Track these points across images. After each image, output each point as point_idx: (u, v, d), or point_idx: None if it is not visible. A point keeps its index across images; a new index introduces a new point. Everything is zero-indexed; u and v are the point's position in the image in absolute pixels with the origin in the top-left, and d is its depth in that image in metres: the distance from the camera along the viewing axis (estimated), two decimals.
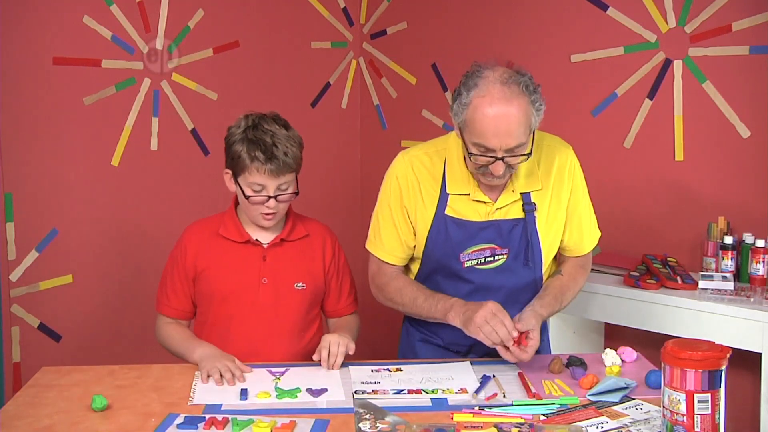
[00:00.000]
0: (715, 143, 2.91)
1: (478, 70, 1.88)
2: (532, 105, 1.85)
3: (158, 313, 2.19)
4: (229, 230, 2.12)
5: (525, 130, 1.85)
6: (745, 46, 2.80)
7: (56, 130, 3.04)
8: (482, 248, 2.03)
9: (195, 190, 3.42)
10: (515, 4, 3.38)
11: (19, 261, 2.98)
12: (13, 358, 2.98)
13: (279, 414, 1.70)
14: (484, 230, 2.02)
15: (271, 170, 2.00)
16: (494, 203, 2.01)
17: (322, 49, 3.86)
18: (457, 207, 2.03)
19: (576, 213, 2.09)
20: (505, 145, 1.84)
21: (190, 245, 2.14)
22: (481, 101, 1.83)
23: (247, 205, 2.05)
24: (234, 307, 2.10)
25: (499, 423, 1.61)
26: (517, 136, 1.84)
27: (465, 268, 2.04)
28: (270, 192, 2.03)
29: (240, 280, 2.10)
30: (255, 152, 1.99)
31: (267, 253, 2.11)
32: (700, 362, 1.45)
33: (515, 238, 2.02)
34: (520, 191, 2.02)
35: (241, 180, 2.04)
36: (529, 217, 2.02)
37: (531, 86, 1.86)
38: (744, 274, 2.75)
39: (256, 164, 1.99)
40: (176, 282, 2.15)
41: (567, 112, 3.21)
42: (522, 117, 1.83)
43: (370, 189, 4.01)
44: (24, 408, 1.75)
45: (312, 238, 2.18)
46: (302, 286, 2.13)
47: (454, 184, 2.03)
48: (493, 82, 1.84)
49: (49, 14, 2.99)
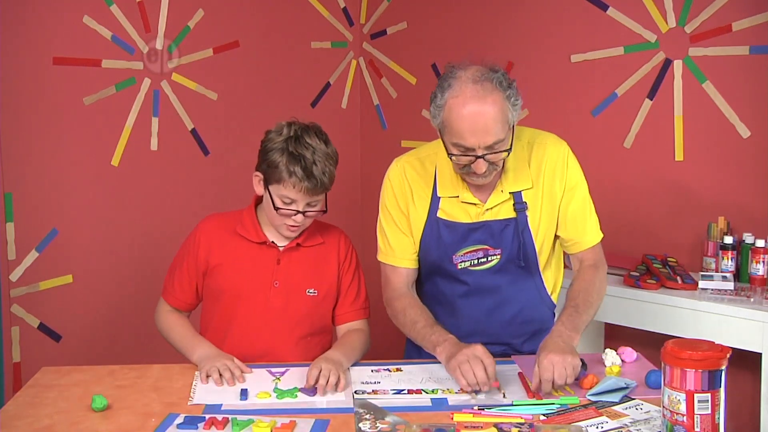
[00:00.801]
0: (715, 143, 2.91)
1: (451, 71, 1.89)
2: (507, 100, 1.86)
3: (161, 297, 2.18)
4: (247, 229, 2.10)
5: (502, 126, 1.85)
6: (745, 46, 2.81)
7: (56, 130, 3.04)
8: (474, 249, 2.03)
9: (195, 190, 3.42)
10: (515, 4, 3.38)
11: (19, 261, 2.98)
12: (13, 358, 2.98)
13: (279, 414, 1.70)
14: (475, 231, 2.02)
15: (308, 188, 1.97)
16: (484, 204, 2.01)
17: (322, 49, 3.86)
18: (448, 209, 2.03)
19: (573, 204, 2.05)
20: (484, 143, 1.85)
21: (205, 238, 2.11)
22: (455, 101, 1.84)
23: (274, 214, 2.03)
24: (243, 307, 2.08)
25: (499, 423, 1.61)
26: (494, 133, 1.84)
27: (459, 269, 2.04)
28: (300, 207, 2.00)
29: (252, 281, 2.08)
30: (294, 167, 1.95)
31: (282, 257, 2.09)
32: (700, 362, 1.45)
33: (507, 238, 2.02)
34: (509, 191, 2.01)
35: (273, 189, 2.00)
36: (521, 217, 2.02)
37: (504, 82, 1.86)
38: (744, 274, 2.75)
39: (294, 180, 1.96)
40: (184, 273, 2.13)
41: (567, 112, 3.21)
42: (497, 113, 1.84)
43: (370, 189, 4.01)
44: (24, 408, 1.75)
45: (327, 245, 2.16)
46: (314, 292, 2.10)
47: (444, 187, 2.03)
48: (465, 82, 1.85)
49: (49, 14, 2.99)
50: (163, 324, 2.16)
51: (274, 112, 3.23)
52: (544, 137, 2.08)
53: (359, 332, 2.15)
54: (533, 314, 2.12)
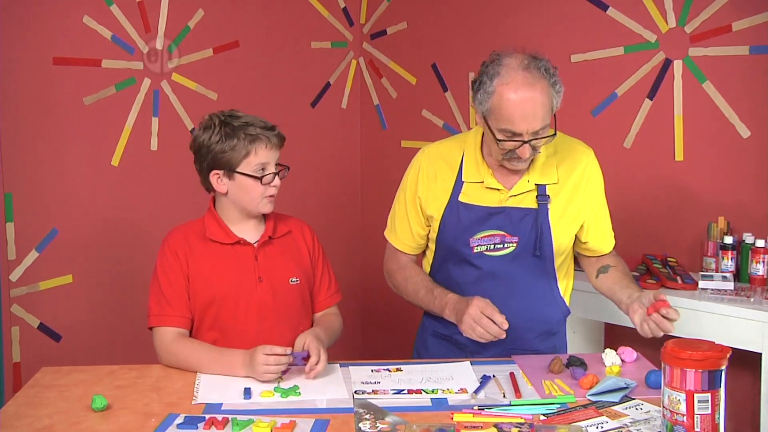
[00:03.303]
0: (715, 143, 2.91)
1: (497, 58, 1.94)
2: (552, 87, 1.93)
3: (156, 328, 2.04)
4: (216, 232, 2.09)
5: (548, 112, 1.92)
6: (745, 46, 2.80)
7: (56, 130, 3.04)
8: (492, 234, 2.06)
9: (195, 190, 3.40)
10: (515, 4, 3.38)
11: (19, 261, 2.98)
12: (13, 358, 2.98)
13: (279, 414, 1.70)
14: (495, 216, 2.06)
15: (276, 142, 2.04)
16: (508, 191, 2.06)
17: (322, 49, 3.86)
18: (471, 194, 2.08)
19: (599, 216, 2.16)
20: (532, 129, 1.91)
21: (181, 250, 2.08)
22: (506, 88, 1.89)
23: (253, 192, 2.05)
24: (233, 308, 2.07)
25: (499, 423, 1.61)
26: (542, 119, 1.91)
27: (474, 253, 2.07)
28: (273, 168, 2.05)
29: (236, 282, 2.07)
30: (254, 131, 2.02)
31: (258, 252, 2.10)
32: (700, 362, 1.45)
33: (526, 227, 2.05)
34: (535, 182, 2.06)
35: (244, 167, 2.03)
36: (542, 208, 2.05)
37: (550, 69, 1.93)
38: (744, 274, 2.75)
39: (262, 141, 2.02)
40: (176, 288, 2.06)
41: (567, 112, 3.19)
42: (545, 99, 1.90)
43: (370, 189, 4.01)
44: (24, 408, 1.75)
45: (294, 233, 2.20)
46: (296, 280, 2.13)
47: (470, 172, 2.09)
48: (515, 69, 1.90)
49: (49, 14, 2.99)
50: (177, 355, 1.99)
51: (274, 112, 3.23)
52: (573, 141, 2.18)
53: (335, 316, 2.22)
54: (544, 313, 2.14)
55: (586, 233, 2.15)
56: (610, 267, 2.17)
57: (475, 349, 2.12)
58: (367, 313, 3.98)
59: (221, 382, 1.89)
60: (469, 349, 2.13)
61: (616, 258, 2.21)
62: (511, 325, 2.04)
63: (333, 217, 3.92)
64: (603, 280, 2.17)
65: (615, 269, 2.16)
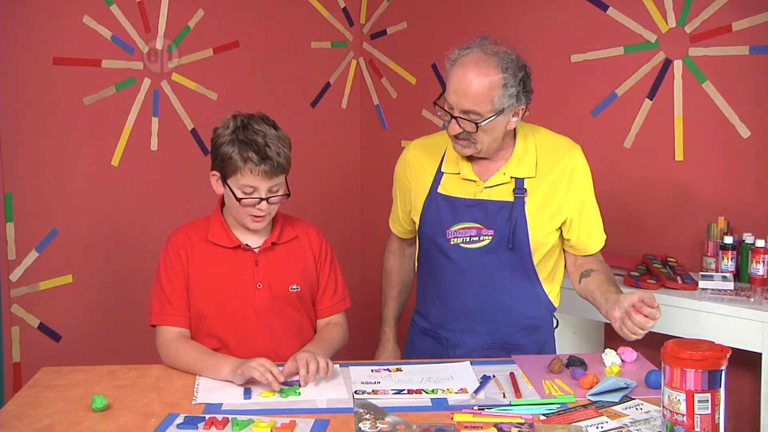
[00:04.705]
0: (715, 143, 2.91)
1: (483, 39, 1.99)
2: (502, 84, 1.92)
3: (158, 326, 2.05)
4: (219, 235, 2.07)
5: (484, 100, 1.92)
6: (745, 46, 2.81)
7: (56, 130, 3.04)
8: (468, 227, 2.07)
9: (195, 190, 3.42)
10: (515, 4, 3.38)
11: (19, 261, 2.98)
12: (13, 358, 2.98)
13: (279, 414, 1.70)
14: (471, 209, 2.07)
15: (265, 171, 1.95)
16: (483, 183, 2.06)
17: (322, 49, 3.86)
18: (449, 185, 2.10)
19: (585, 213, 2.12)
20: (460, 105, 1.94)
21: (183, 250, 2.07)
22: (461, 60, 1.95)
23: (237, 207, 2.00)
24: (231, 314, 2.05)
25: (499, 423, 1.61)
26: (473, 101, 1.92)
27: (451, 245, 2.08)
28: (262, 194, 1.98)
29: (235, 287, 2.05)
30: (248, 153, 1.94)
31: (259, 258, 2.07)
32: (700, 362, 1.45)
33: (501, 220, 2.05)
34: (511, 174, 2.06)
35: (232, 182, 1.98)
36: (518, 202, 2.05)
37: (511, 69, 1.93)
38: (744, 274, 2.75)
39: (250, 165, 1.94)
40: (177, 287, 2.06)
41: (567, 112, 3.22)
42: (483, 87, 1.91)
43: (370, 189, 4.01)
44: (24, 408, 1.75)
45: (301, 239, 2.15)
46: (296, 288, 2.10)
47: (449, 163, 2.12)
48: (479, 50, 1.95)
49: (49, 14, 2.99)
50: (174, 354, 2.00)
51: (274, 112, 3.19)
52: (559, 138, 2.15)
53: (337, 326, 2.18)
54: (523, 307, 2.13)
55: (570, 230, 2.11)
56: (592, 271, 2.11)
57: (455, 342, 2.14)
58: (367, 313, 3.97)
59: (221, 382, 1.89)
60: (450, 343, 2.15)
61: (600, 262, 2.16)
62: (489, 318, 2.10)
63: (333, 217, 3.92)
64: (585, 284, 2.12)
65: (597, 273, 2.10)
